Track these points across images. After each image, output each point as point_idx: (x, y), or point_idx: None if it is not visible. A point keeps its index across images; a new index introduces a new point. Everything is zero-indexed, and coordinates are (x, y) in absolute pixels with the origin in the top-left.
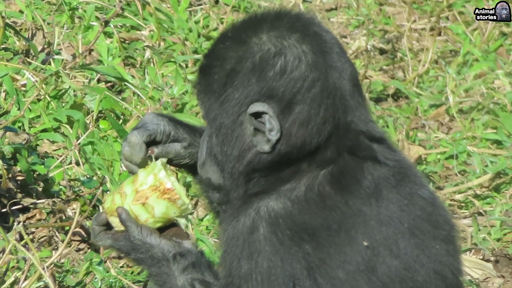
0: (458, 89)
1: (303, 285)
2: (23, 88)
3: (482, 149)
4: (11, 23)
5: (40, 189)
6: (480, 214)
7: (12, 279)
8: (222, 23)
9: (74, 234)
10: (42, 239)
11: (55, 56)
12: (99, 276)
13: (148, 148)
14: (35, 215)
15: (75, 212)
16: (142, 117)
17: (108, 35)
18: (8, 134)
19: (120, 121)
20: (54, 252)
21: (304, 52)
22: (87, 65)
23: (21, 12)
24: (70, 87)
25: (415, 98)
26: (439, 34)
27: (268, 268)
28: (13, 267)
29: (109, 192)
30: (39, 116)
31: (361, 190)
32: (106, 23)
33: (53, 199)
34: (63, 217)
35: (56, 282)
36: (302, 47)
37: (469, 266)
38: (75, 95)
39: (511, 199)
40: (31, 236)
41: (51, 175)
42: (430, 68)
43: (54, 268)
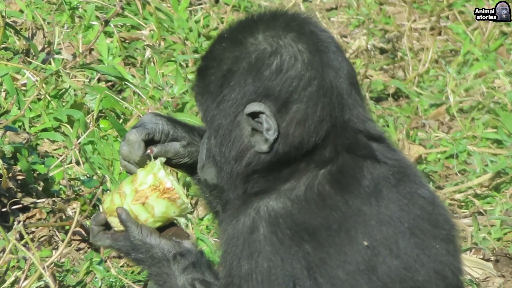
0: (458, 88)
1: (303, 285)
2: (24, 88)
3: (482, 148)
4: (11, 23)
5: (40, 188)
6: (480, 214)
7: (12, 278)
8: (222, 22)
9: (74, 233)
10: (42, 239)
11: (55, 56)
12: (99, 275)
13: (147, 147)
14: (35, 215)
15: (75, 212)
16: (142, 116)
17: (109, 34)
18: (8, 133)
19: (121, 120)
20: (54, 251)
21: (300, 51)
22: (87, 64)
23: (21, 11)
24: (70, 86)
25: (416, 97)
26: (439, 34)
27: (268, 268)
28: (13, 266)
29: (108, 192)
30: (39, 116)
31: (360, 190)
32: (106, 22)
33: (53, 199)
34: (63, 216)
35: (56, 281)
36: (298, 46)
37: (469, 265)
38: (75, 95)
39: (511, 198)
40: (31, 236)
41: (51, 174)
42: (431, 68)
43: (54, 267)
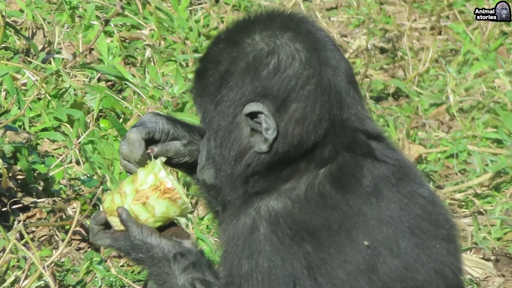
0: (458, 88)
1: (304, 284)
2: (24, 87)
3: (482, 148)
4: (11, 22)
5: (41, 188)
6: (480, 213)
7: (12, 278)
8: (223, 22)
9: (75, 233)
10: (42, 238)
11: (56, 55)
12: (99, 275)
13: (147, 147)
14: (35, 214)
15: (75, 211)
16: (142, 116)
17: (109, 34)
18: (8, 133)
19: (121, 120)
20: (54, 251)
21: (297, 50)
22: (87, 64)
23: (21, 11)
24: (70, 86)
25: (416, 97)
26: (440, 33)
27: (268, 268)
28: (13, 266)
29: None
30: (39, 115)
31: (361, 189)
32: (107, 22)
33: (53, 198)
34: (64, 216)
35: (57, 281)
36: (295, 45)
37: (469, 265)
38: (75, 94)
39: (511, 198)
40: (31, 235)
41: (51, 174)
42: (431, 67)
43: (54, 267)
